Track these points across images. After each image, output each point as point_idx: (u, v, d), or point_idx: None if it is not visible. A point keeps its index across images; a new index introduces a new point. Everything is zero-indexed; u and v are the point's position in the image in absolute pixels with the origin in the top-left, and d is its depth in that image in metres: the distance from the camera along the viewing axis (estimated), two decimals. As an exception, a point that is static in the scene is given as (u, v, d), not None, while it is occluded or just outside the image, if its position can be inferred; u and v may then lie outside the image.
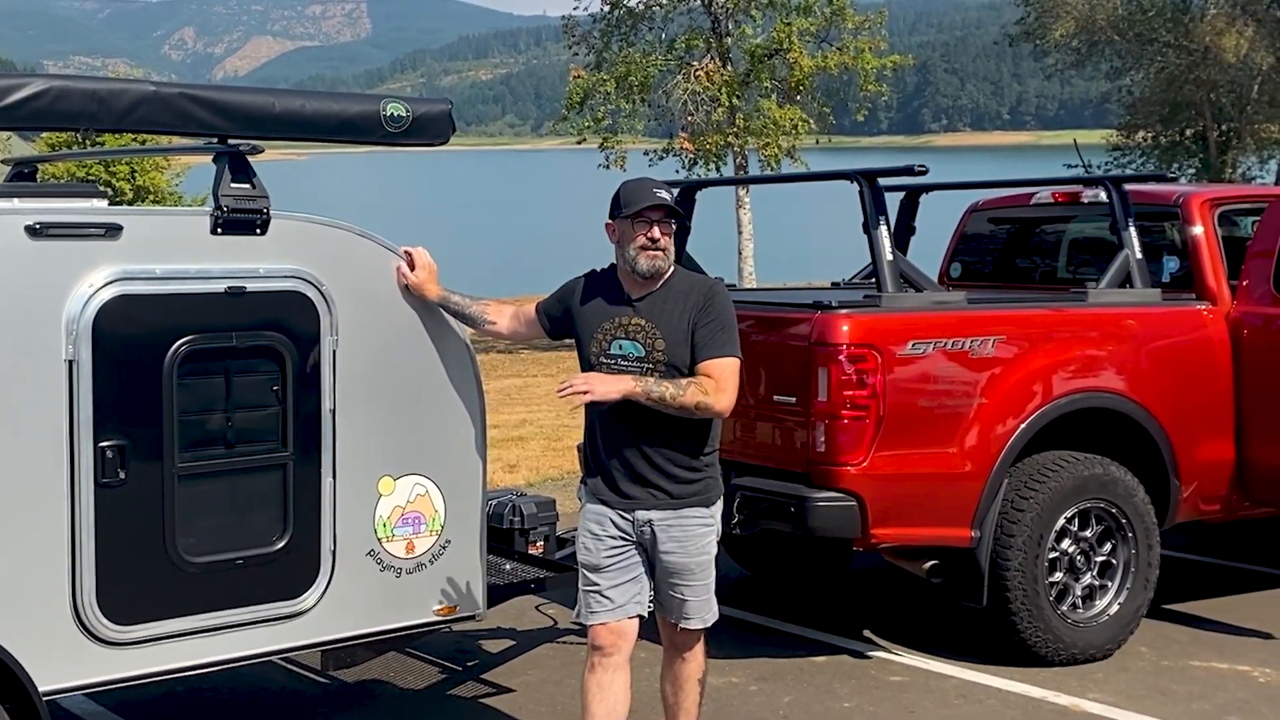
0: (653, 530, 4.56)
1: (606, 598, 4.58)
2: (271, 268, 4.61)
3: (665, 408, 4.43)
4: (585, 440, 4.77)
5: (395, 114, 5.03)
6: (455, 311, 4.99)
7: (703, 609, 4.64)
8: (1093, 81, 34.39)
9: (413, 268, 4.93)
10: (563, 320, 4.78)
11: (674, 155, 21.87)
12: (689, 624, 4.64)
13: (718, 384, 4.46)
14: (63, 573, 4.26)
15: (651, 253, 4.51)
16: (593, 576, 4.62)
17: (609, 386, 4.43)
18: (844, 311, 5.99)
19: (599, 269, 4.76)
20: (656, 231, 4.50)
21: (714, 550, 4.66)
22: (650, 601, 4.66)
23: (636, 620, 4.62)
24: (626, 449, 4.55)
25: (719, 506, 4.68)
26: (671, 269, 4.61)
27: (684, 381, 4.44)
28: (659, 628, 4.76)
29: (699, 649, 4.72)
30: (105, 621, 4.33)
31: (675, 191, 4.65)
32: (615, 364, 4.54)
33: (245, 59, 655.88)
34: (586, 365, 4.64)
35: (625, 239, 4.54)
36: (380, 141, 5.10)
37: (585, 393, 4.41)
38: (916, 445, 6.02)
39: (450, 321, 5.04)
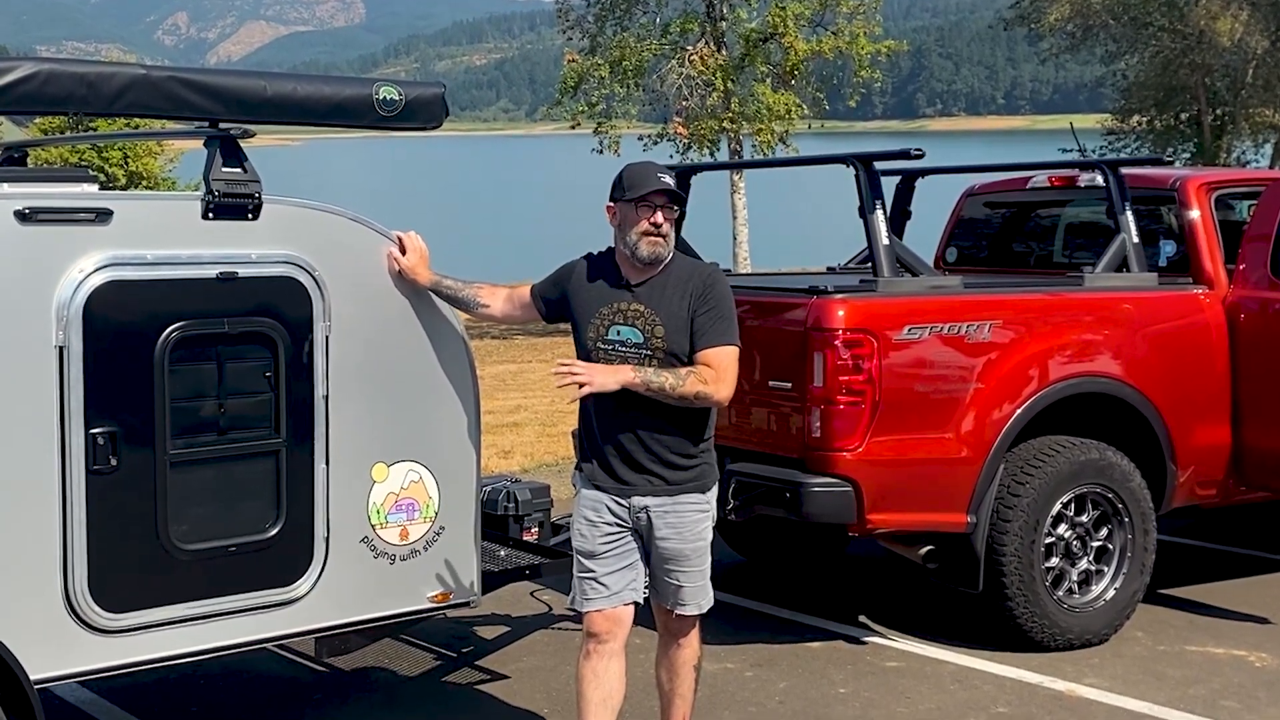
0: (649, 517, 4.54)
1: (602, 585, 4.57)
2: (263, 253, 4.58)
3: (665, 398, 4.41)
4: (580, 426, 4.73)
5: (388, 98, 4.99)
6: (448, 296, 4.96)
7: (698, 595, 4.62)
8: (1087, 66, 34.30)
9: (404, 252, 4.90)
10: (558, 303, 4.74)
11: (668, 140, 21.82)
12: (684, 610, 4.62)
13: (717, 374, 4.43)
14: (54, 561, 4.24)
15: (653, 238, 4.47)
16: (588, 563, 4.59)
17: (607, 378, 4.39)
18: (840, 296, 5.96)
19: (595, 252, 4.72)
20: (660, 217, 4.46)
21: (709, 536, 4.65)
22: (645, 588, 4.65)
23: (632, 607, 4.61)
24: (623, 435, 4.52)
25: (714, 493, 4.66)
26: (671, 255, 4.57)
27: (683, 371, 4.41)
28: (654, 614, 4.75)
29: (694, 635, 4.71)
30: (97, 609, 4.31)
31: (675, 180, 4.60)
32: (613, 349, 4.50)
33: (239, 44, 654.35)
34: (583, 350, 4.59)
35: (627, 223, 4.50)
36: (373, 125, 5.06)
37: (584, 384, 4.37)
38: (912, 430, 6.00)
39: (444, 307, 5.01)
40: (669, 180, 4.49)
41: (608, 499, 4.58)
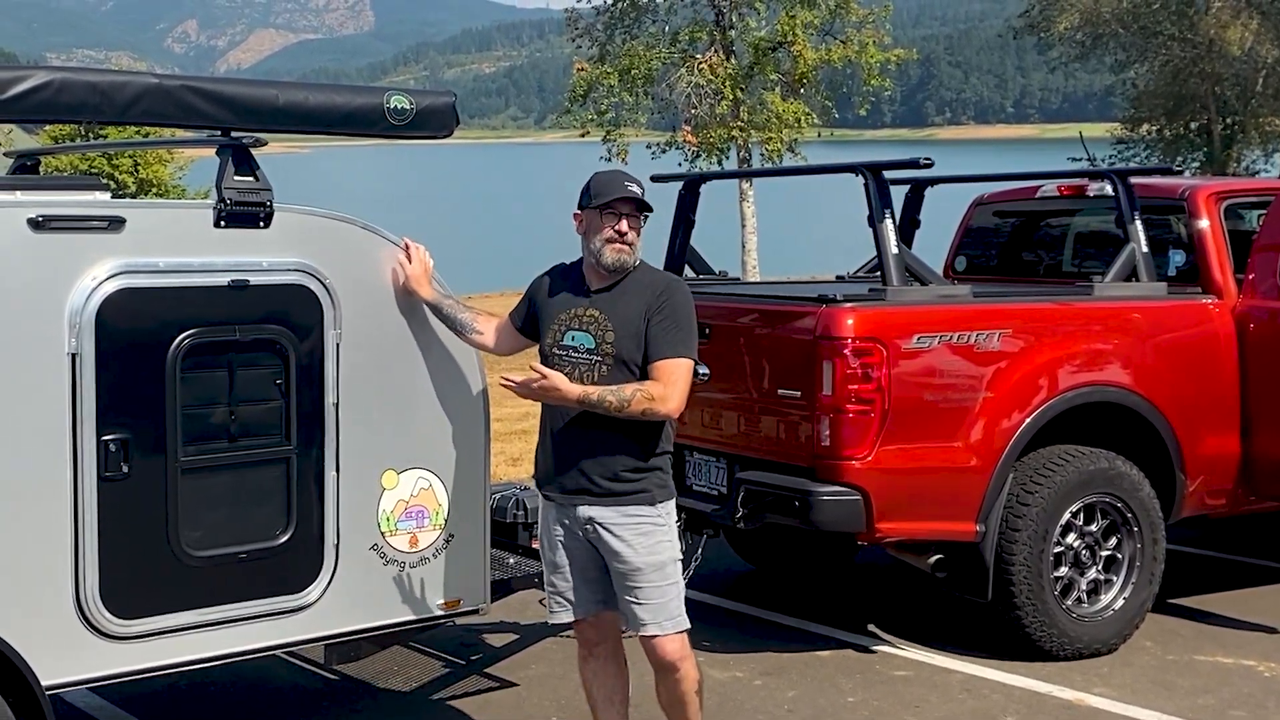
0: (596, 529, 4.45)
1: (564, 600, 4.58)
2: (275, 261, 4.60)
3: (614, 415, 4.34)
4: (541, 427, 4.65)
5: (399, 106, 5.01)
6: (446, 316, 4.89)
7: (658, 613, 4.42)
8: (1097, 74, 34.37)
9: (410, 261, 4.88)
10: (531, 317, 4.70)
11: (677, 148, 21.83)
12: (644, 631, 4.44)
13: (665, 387, 4.34)
14: (66, 567, 4.25)
15: (618, 246, 4.43)
16: (551, 575, 4.60)
17: (567, 390, 4.34)
18: (849, 305, 5.97)
19: (565, 262, 4.70)
20: (624, 225, 4.42)
21: (668, 554, 4.47)
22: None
23: (608, 613, 4.56)
24: (571, 445, 4.46)
25: (668, 508, 4.51)
26: (637, 264, 4.51)
27: (629, 391, 4.33)
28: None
29: (687, 664, 4.50)
30: (108, 616, 4.32)
31: (643, 189, 4.54)
32: (567, 355, 4.47)
33: (248, 52, 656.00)
34: (542, 355, 4.56)
35: (592, 230, 4.46)
36: (384, 134, 5.07)
37: (544, 387, 4.34)
38: (921, 439, 6.00)
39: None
40: (635, 189, 4.46)
41: (556, 510, 4.54)
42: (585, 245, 4.52)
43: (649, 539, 4.44)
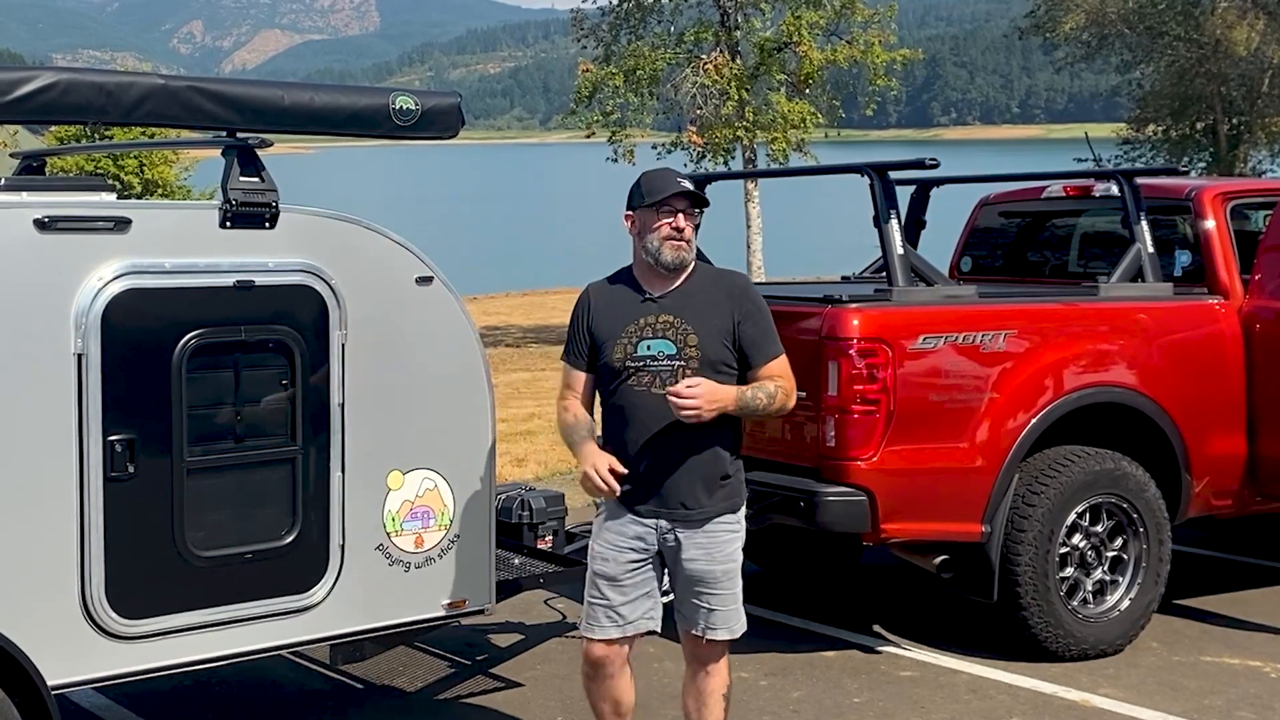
0: (677, 537, 4.39)
1: (618, 614, 4.44)
2: (280, 261, 4.60)
3: (755, 416, 4.37)
4: (606, 439, 4.49)
5: (404, 107, 5.01)
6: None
7: (730, 619, 4.45)
8: (1102, 75, 34.31)
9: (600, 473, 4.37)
10: (591, 345, 4.50)
11: (682, 149, 21.82)
12: (716, 635, 4.45)
13: (790, 384, 4.42)
14: (71, 567, 4.26)
15: (676, 243, 4.36)
16: (607, 590, 4.45)
17: (715, 407, 4.22)
18: (854, 306, 5.97)
19: (600, 279, 4.60)
20: (681, 220, 4.36)
21: (740, 557, 4.49)
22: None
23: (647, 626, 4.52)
24: (658, 452, 4.35)
25: (744, 509, 4.52)
26: (693, 261, 4.47)
27: (771, 387, 4.36)
28: (681, 641, 4.57)
29: (723, 663, 4.52)
30: (114, 616, 4.32)
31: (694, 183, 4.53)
32: (644, 365, 4.34)
33: (254, 52, 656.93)
34: (611, 372, 4.40)
35: (647, 229, 4.38)
36: (389, 135, 5.08)
37: (697, 410, 4.18)
38: (927, 440, 6.00)
39: (459, 314, 5.03)
40: (688, 184, 4.42)
41: (634, 520, 4.42)
42: (639, 246, 4.43)
43: (728, 546, 4.46)
